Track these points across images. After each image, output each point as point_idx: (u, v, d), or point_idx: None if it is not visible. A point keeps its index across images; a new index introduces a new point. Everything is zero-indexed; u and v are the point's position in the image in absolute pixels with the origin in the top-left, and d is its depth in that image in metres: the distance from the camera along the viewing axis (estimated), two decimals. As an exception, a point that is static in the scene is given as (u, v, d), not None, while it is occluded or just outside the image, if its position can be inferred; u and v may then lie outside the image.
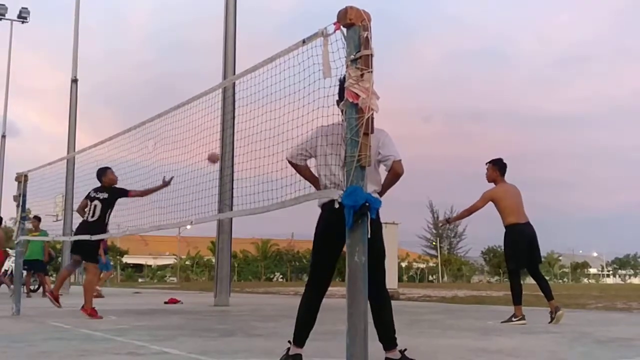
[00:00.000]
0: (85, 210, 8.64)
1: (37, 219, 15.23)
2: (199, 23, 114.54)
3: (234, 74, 12.21)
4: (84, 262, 8.96)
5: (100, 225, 8.42)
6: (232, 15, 13.32)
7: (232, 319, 8.79)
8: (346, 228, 3.36)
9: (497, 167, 8.06)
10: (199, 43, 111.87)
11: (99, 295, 15.64)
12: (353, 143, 3.40)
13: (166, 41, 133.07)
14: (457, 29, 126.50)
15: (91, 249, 8.59)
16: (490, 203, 7.96)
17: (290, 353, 4.10)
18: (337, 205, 3.42)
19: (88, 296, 8.39)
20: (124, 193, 8.53)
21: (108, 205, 8.54)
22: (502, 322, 7.75)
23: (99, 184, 8.71)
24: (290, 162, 4.25)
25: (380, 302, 4.06)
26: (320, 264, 4.20)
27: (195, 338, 6.00)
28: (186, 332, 6.57)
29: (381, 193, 4.17)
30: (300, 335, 4.13)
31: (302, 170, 4.27)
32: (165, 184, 7.88)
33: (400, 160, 4.12)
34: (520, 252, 7.86)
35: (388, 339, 4.06)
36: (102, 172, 8.78)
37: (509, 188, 8.00)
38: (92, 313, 8.28)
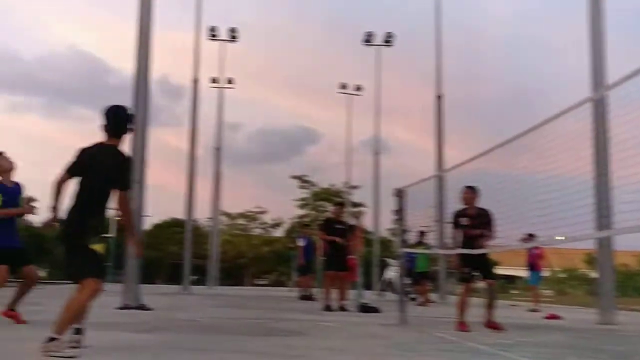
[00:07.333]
0: None
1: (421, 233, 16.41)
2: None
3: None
4: None
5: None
6: None
7: (622, 340, 8.00)
8: None
9: None
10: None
11: (427, 302, 16.37)
12: None
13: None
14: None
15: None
16: None
17: None
18: None
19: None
20: None
21: None
22: None
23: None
24: None
25: None
26: None
27: (583, 359, 5.56)
28: (573, 352, 6.15)
29: None
30: None
31: None
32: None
33: None
34: None
35: None
36: None
37: None
38: (462, 327, 8.10)
